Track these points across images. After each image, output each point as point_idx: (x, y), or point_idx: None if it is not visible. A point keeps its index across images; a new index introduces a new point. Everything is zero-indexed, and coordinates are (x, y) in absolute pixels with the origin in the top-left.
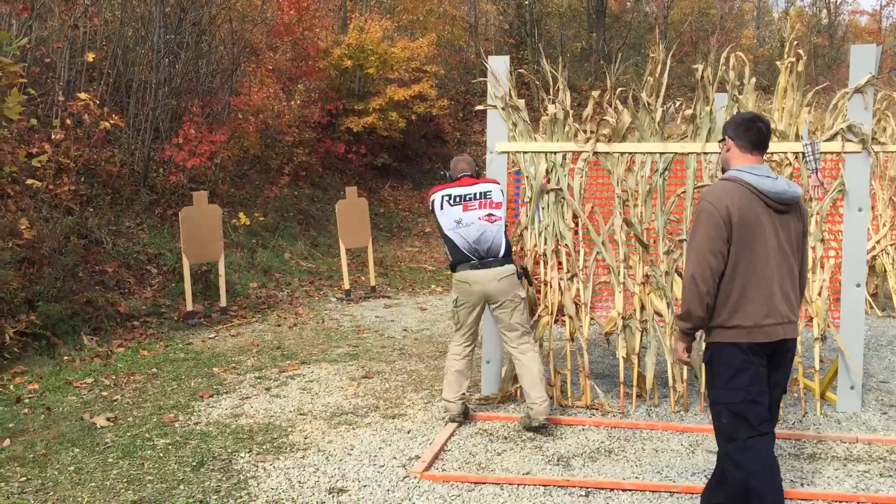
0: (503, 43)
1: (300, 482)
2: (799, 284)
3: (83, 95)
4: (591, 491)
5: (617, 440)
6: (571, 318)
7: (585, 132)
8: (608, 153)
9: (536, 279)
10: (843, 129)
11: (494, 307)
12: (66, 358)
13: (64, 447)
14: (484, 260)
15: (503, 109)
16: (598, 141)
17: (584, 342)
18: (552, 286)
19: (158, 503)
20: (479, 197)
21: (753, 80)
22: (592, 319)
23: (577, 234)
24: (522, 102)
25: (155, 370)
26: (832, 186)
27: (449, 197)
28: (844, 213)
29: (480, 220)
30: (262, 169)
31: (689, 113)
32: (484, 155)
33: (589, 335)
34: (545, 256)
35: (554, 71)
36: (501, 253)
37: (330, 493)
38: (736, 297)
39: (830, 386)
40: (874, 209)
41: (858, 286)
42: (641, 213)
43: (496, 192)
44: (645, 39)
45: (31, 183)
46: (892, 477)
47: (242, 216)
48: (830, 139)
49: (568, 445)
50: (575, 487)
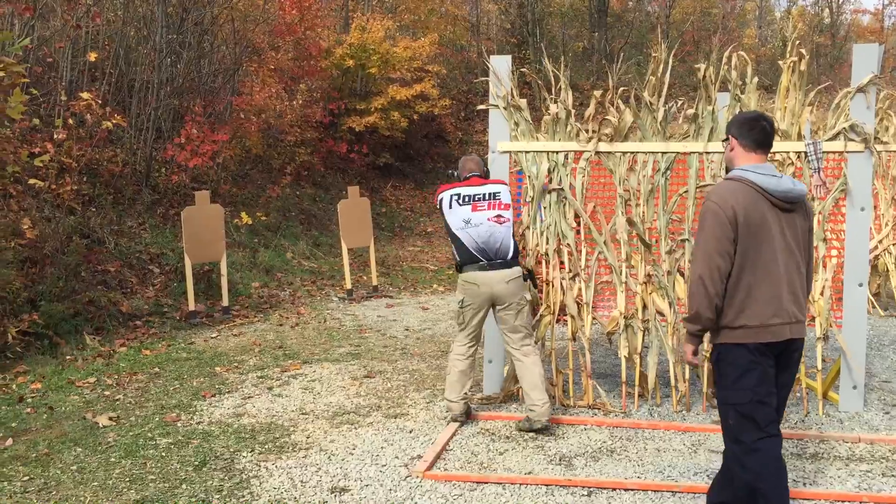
0: (505, 42)
1: (302, 482)
2: (806, 283)
3: (85, 95)
4: (593, 491)
5: (619, 440)
6: (573, 317)
7: (587, 132)
8: (610, 153)
9: (539, 279)
10: (845, 128)
11: (500, 309)
12: (68, 357)
13: (66, 446)
14: (492, 261)
15: (505, 109)
16: (600, 140)
17: (586, 342)
18: (554, 286)
19: (161, 502)
20: (488, 198)
21: (755, 79)
22: (594, 319)
23: (578, 233)
24: (524, 102)
25: (157, 370)
26: (834, 186)
27: (458, 196)
28: (847, 212)
29: (489, 220)
30: (264, 168)
31: (691, 112)
32: (486, 154)
33: (591, 335)
34: (547, 256)
35: (556, 70)
36: (510, 255)
37: (332, 492)
38: (742, 297)
39: (833, 385)
40: (876, 209)
41: (861, 286)
42: (643, 212)
43: (505, 193)
44: (647, 39)
45: (33, 182)
46: (894, 476)
47: (244, 216)
48: (833, 138)
49: (570, 445)
50: (577, 487)
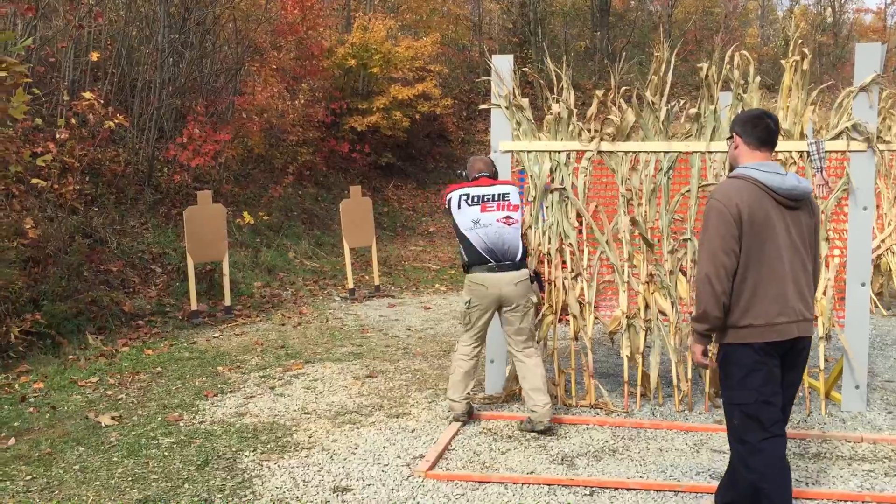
0: (507, 42)
1: (304, 481)
2: (813, 280)
3: (88, 95)
4: (595, 490)
5: (621, 439)
6: (575, 317)
7: (589, 131)
8: (612, 152)
9: (543, 280)
10: (847, 127)
11: (507, 310)
12: (70, 357)
13: (69, 446)
14: (501, 263)
15: (507, 108)
16: (602, 140)
17: (588, 341)
18: (556, 285)
19: (163, 502)
20: (497, 198)
21: (758, 78)
22: (596, 318)
23: (581, 233)
24: (526, 101)
25: (160, 369)
26: (837, 185)
27: (467, 196)
28: (849, 211)
29: (498, 221)
30: (266, 168)
31: (693, 112)
32: (488, 154)
33: (593, 334)
34: (549, 255)
35: (558, 70)
36: (518, 257)
37: (334, 491)
38: (748, 295)
39: (835, 385)
40: (879, 208)
41: (863, 285)
42: (646, 212)
43: (514, 194)
44: (649, 38)
45: (35, 182)
46: None
47: (247, 215)
48: (835, 138)
49: (572, 445)
50: (579, 487)
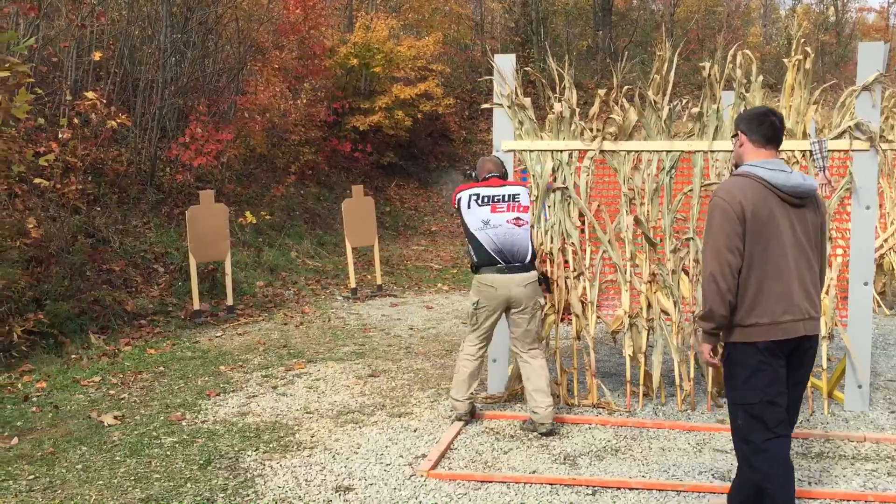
0: (509, 41)
1: (307, 480)
2: (819, 279)
3: (90, 94)
4: (597, 490)
5: (623, 439)
6: (578, 316)
7: (592, 130)
8: (614, 151)
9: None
10: (850, 126)
11: (515, 312)
12: (73, 356)
13: (71, 445)
14: (510, 264)
15: (509, 108)
16: (604, 139)
17: (590, 341)
18: (559, 285)
19: (166, 501)
20: (507, 199)
21: (760, 77)
22: (599, 318)
23: (583, 232)
24: (528, 101)
25: (162, 369)
26: (840, 184)
27: (477, 196)
28: (852, 211)
29: (508, 223)
30: (268, 168)
31: (695, 111)
32: (490, 153)
33: (595, 334)
34: (551, 255)
35: (560, 69)
36: (528, 258)
37: (336, 491)
38: (752, 294)
39: (838, 385)
40: (882, 207)
41: (866, 284)
42: (648, 211)
43: (524, 195)
44: (651, 37)
45: (38, 182)
46: None
47: (249, 215)
48: (838, 137)
49: (574, 444)
50: (581, 486)
